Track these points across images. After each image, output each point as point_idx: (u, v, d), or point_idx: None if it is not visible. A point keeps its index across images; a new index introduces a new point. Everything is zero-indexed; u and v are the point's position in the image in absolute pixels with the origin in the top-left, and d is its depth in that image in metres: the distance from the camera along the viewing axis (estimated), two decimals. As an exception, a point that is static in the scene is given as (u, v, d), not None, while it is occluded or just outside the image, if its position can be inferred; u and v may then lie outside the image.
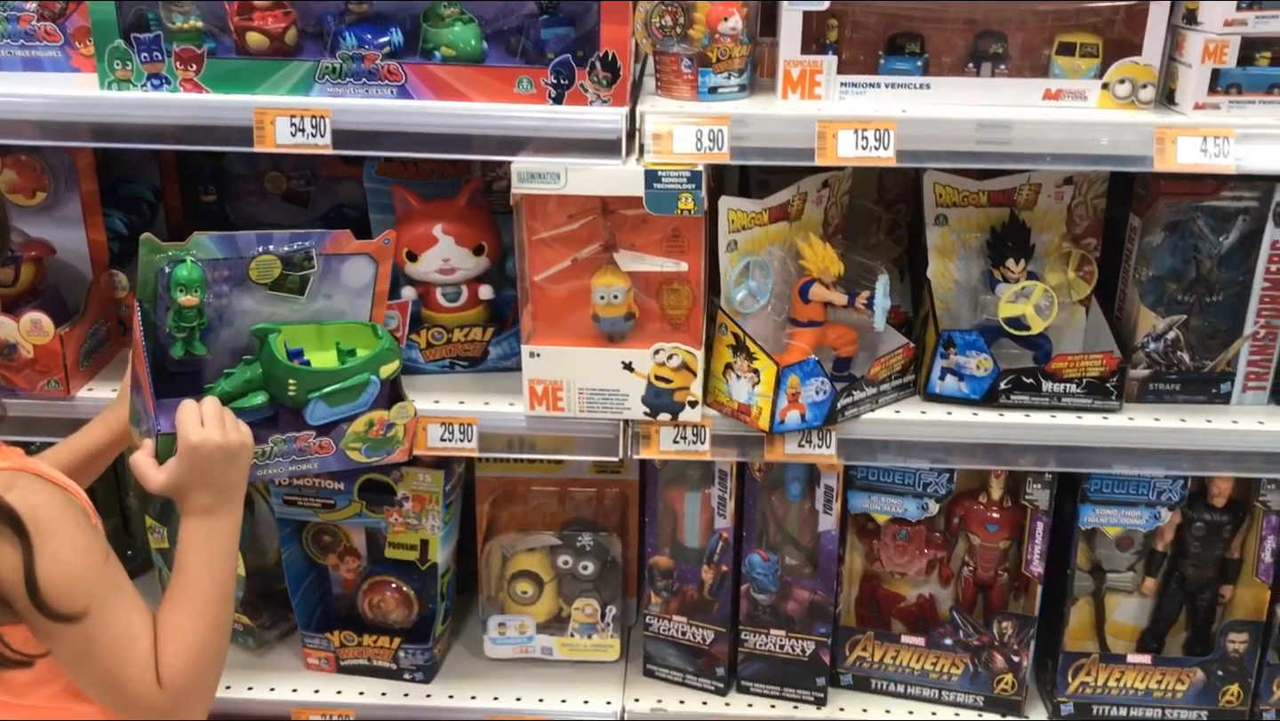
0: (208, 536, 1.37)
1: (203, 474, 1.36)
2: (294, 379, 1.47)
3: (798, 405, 1.65)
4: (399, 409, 1.55)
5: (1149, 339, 1.70)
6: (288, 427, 1.50)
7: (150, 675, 1.30)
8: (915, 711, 1.86)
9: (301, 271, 1.49)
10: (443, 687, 1.91)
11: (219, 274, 1.47)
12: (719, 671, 1.89)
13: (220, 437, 1.37)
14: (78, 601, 1.24)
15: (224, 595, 1.38)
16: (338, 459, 1.54)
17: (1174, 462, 1.69)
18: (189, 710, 1.35)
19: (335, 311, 1.54)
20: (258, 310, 1.50)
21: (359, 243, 1.52)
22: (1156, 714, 1.82)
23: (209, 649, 1.35)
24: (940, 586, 1.91)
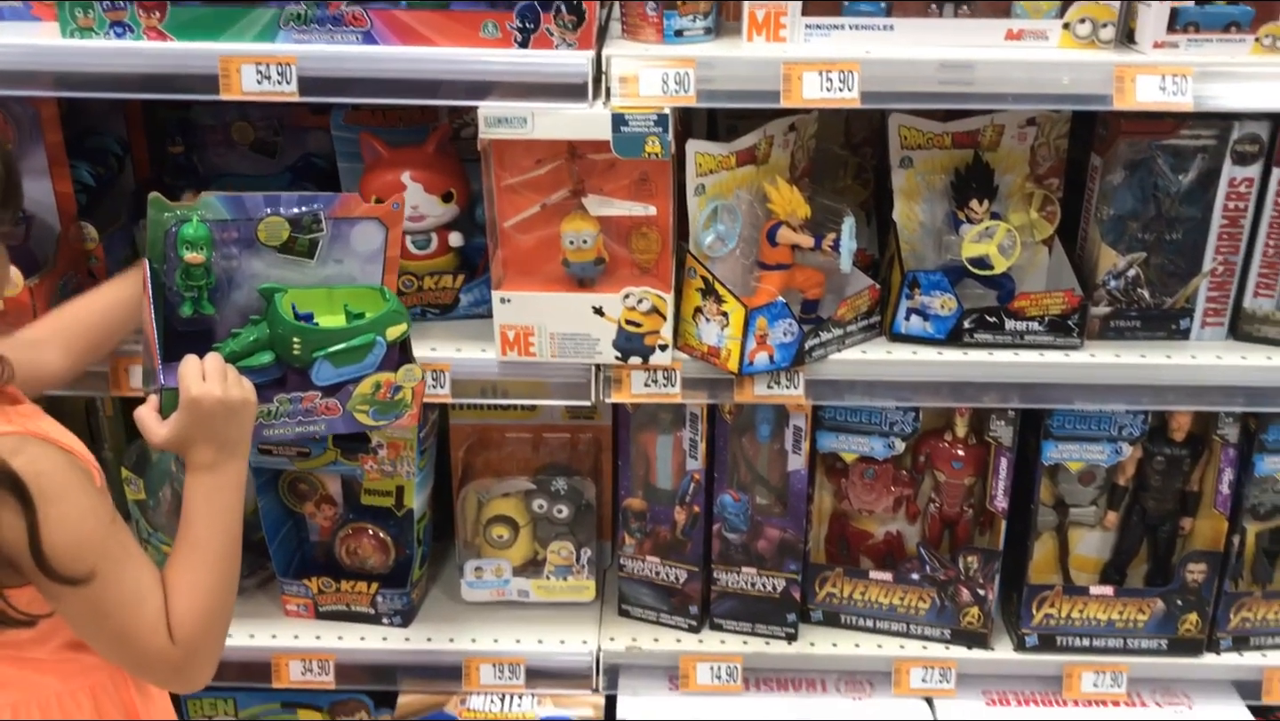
0: (212, 491, 1.38)
1: (204, 429, 1.37)
2: (299, 337, 1.48)
3: (766, 347, 1.67)
4: (406, 372, 1.55)
5: (1110, 276, 1.73)
6: (295, 388, 1.51)
7: (162, 631, 1.31)
8: (884, 645, 1.91)
9: (310, 234, 1.50)
10: (421, 631, 1.94)
11: (228, 235, 1.47)
12: (692, 609, 1.93)
13: (221, 392, 1.37)
14: (83, 565, 1.25)
15: (230, 548, 1.39)
16: (345, 420, 1.55)
17: (1134, 398, 1.73)
18: (201, 662, 1.36)
19: (346, 276, 1.54)
20: (267, 273, 1.51)
21: (368, 206, 1.52)
22: (1118, 643, 1.87)
23: (218, 602, 1.37)
24: (907, 523, 1.95)
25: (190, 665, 1.35)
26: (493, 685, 1.91)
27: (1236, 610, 1.86)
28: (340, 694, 1.97)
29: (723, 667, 1.90)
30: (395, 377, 1.55)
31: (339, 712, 1.99)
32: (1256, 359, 1.72)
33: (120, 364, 1.72)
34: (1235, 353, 1.73)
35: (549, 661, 1.91)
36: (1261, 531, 1.90)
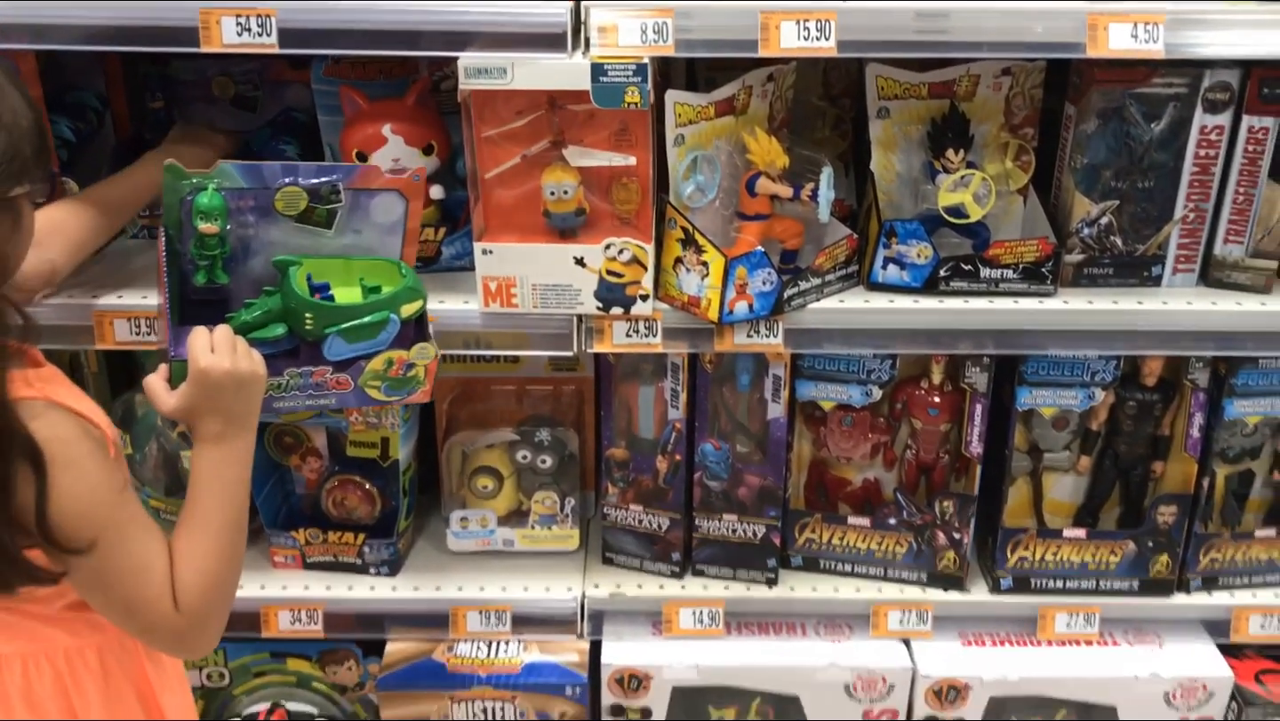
0: (219, 463, 1.39)
1: (211, 400, 1.37)
2: (310, 313, 1.48)
3: (745, 296, 1.69)
4: (419, 349, 1.54)
5: (1083, 224, 1.76)
6: (308, 362, 1.51)
7: (167, 599, 1.33)
8: (862, 589, 1.95)
9: (328, 205, 1.48)
10: (408, 580, 1.97)
11: (244, 203, 1.47)
12: (674, 556, 1.96)
13: (229, 364, 1.37)
14: (86, 535, 1.26)
15: (237, 520, 1.40)
16: (356, 395, 1.55)
17: (1107, 344, 1.76)
18: (205, 631, 1.38)
19: (365, 248, 1.53)
20: (285, 241, 1.50)
21: (387, 178, 1.51)
22: (1091, 585, 1.92)
23: (223, 571, 1.38)
24: (884, 470, 1.98)
25: (194, 633, 1.37)
26: (479, 632, 1.94)
27: (1206, 551, 1.90)
28: (329, 643, 2.00)
29: (705, 612, 1.94)
30: (408, 355, 1.54)
31: (328, 661, 2.02)
32: (1226, 305, 1.75)
33: (105, 318, 1.73)
34: (1206, 299, 1.76)
35: (534, 608, 1.94)
36: (1230, 474, 1.94)
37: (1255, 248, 1.75)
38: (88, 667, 1.43)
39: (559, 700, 1.90)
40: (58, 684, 1.42)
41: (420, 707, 1.91)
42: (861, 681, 1.90)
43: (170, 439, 1.97)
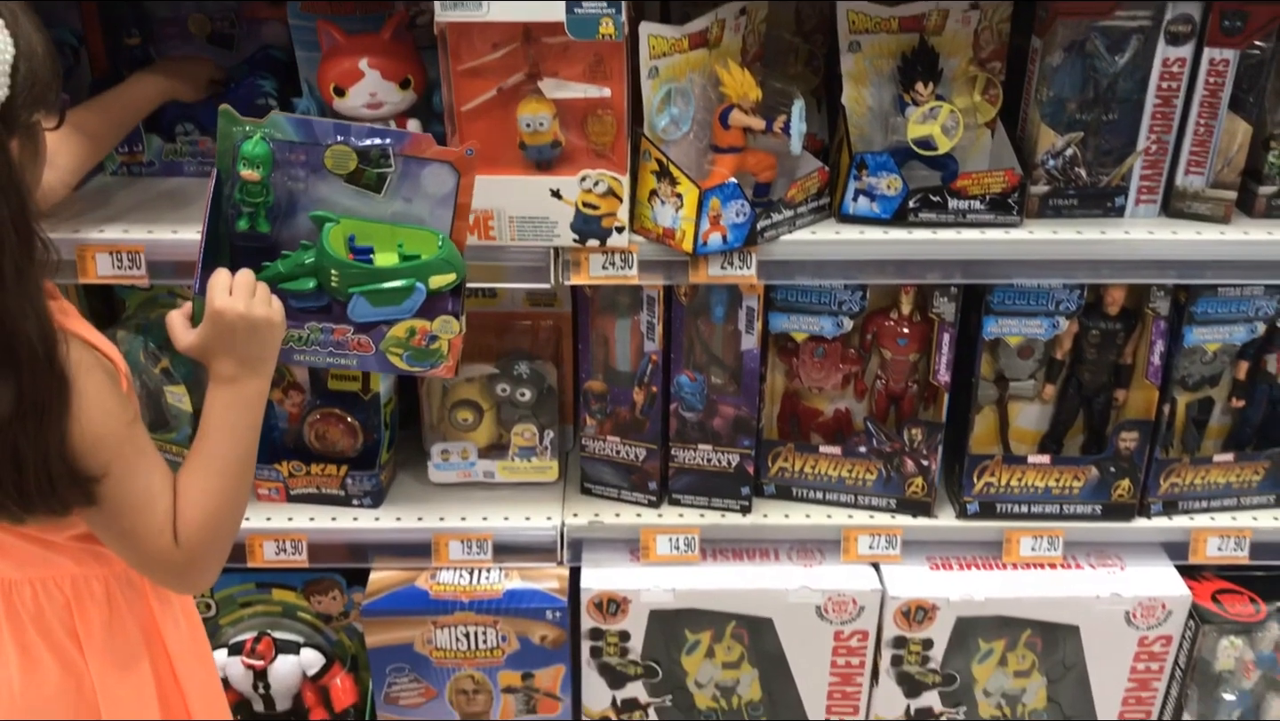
0: (229, 404, 1.41)
1: (225, 341, 1.39)
2: (337, 270, 1.49)
3: (719, 227, 1.73)
4: (442, 322, 1.55)
5: (1048, 156, 1.80)
6: (336, 319, 1.52)
7: (168, 533, 1.36)
8: (833, 515, 2.00)
9: (379, 169, 1.49)
10: (390, 511, 2.02)
11: (295, 156, 1.48)
12: (651, 485, 2.01)
13: (244, 308, 1.39)
14: (97, 462, 1.29)
15: (243, 462, 1.42)
16: (378, 360, 1.57)
17: (1071, 273, 1.81)
18: (203, 568, 1.41)
19: (415, 217, 1.53)
20: (334, 200, 1.51)
21: (439, 149, 1.51)
22: (1055, 509, 1.97)
23: (225, 512, 1.40)
24: (855, 400, 2.03)
25: (192, 569, 1.40)
26: (461, 560, 1.99)
27: (1166, 476, 1.96)
28: (313, 573, 2.04)
29: (681, 539, 1.99)
30: (431, 326, 1.55)
31: (313, 591, 2.07)
32: (1187, 234, 1.79)
33: (88, 251, 1.75)
34: (1167, 228, 1.81)
35: (515, 537, 1.99)
36: (1191, 401, 2.00)
37: (1215, 178, 1.79)
38: (93, 597, 1.47)
39: (540, 624, 1.95)
40: (65, 610, 1.46)
41: (404, 633, 1.95)
42: (832, 603, 1.96)
43: (153, 375, 2.00)
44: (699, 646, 2.03)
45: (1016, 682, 2.05)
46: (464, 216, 1.55)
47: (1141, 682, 2.03)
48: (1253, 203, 1.82)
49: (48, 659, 1.46)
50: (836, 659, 2.01)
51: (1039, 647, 2.02)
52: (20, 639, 1.45)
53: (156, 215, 1.83)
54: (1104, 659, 2.01)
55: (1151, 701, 2.05)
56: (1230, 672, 2.01)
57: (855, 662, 2.01)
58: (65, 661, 1.47)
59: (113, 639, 1.49)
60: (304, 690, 2.06)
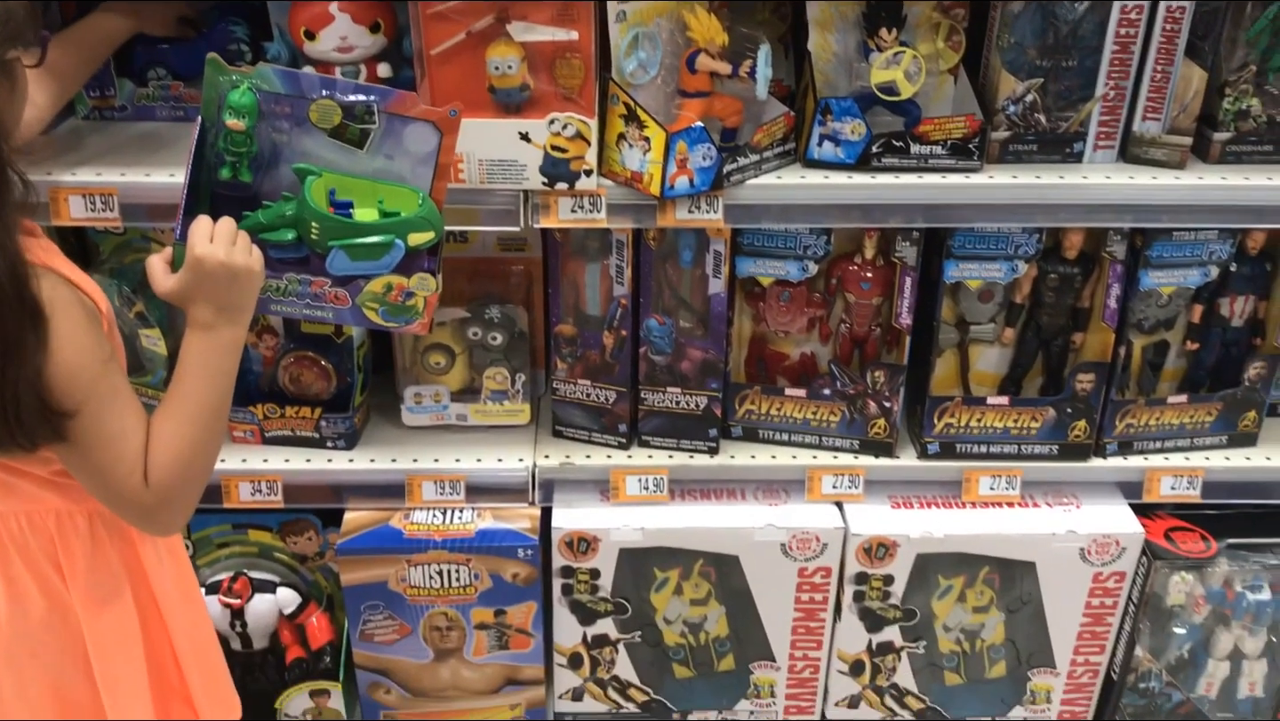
0: (206, 350, 1.43)
1: (203, 288, 1.41)
2: (317, 222, 1.51)
3: (686, 171, 1.76)
4: (419, 279, 1.57)
5: (1009, 102, 1.83)
6: (314, 272, 1.54)
7: (138, 473, 1.38)
8: (798, 456, 2.05)
9: (362, 124, 1.50)
10: (364, 453, 2.05)
11: (280, 109, 1.50)
12: (621, 428, 2.05)
13: (224, 255, 1.40)
14: (71, 398, 1.31)
15: (216, 409, 1.44)
16: (353, 314, 1.59)
17: (1030, 217, 1.85)
18: (171, 511, 1.44)
19: (396, 174, 1.55)
20: (317, 154, 1.52)
21: (424, 108, 1.53)
22: (1013, 449, 2.02)
23: (196, 457, 1.42)
24: (820, 344, 2.07)
25: (161, 510, 1.42)
26: (434, 500, 2.03)
27: (1121, 417, 2.02)
28: (289, 514, 2.08)
29: (650, 480, 2.03)
30: (408, 282, 1.57)
31: (288, 532, 2.11)
32: (1143, 179, 1.83)
33: (60, 194, 1.77)
34: (1124, 173, 1.85)
35: (487, 478, 2.03)
36: (1146, 345, 2.05)
37: (1171, 124, 1.83)
38: (76, 531, 1.50)
39: (511, 562, 1.99)
40: (49, 543, 1.49)
41: (378, 571, 2.00)
42: (796, 541, 2.01)
43: (127, 319, 2.02)
44: (668, 584, 2.08)
45: (975, 618, 2.11)
46: (445, 177, 1.57)
47: (1096, 617, 2.09)
48: (1208, 148, 1.86)
49: (33, 590, 1.49)
50: (801, 595, 2.06)
51: (997, 584, 2.08)
52: (6, 570, 1.48)
53: (129, 158, 1.85)
54: (1060, 594, 2.07)
55: (1105, 636, 2.11)
56: (1181, 607, 2.07)
57: (819, 598, 2.07)
58: (50, 593, 1.50)
59: (94, 573, 1.52)
60: (280, 628, 2.10)
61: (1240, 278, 1.97)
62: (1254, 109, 1.83)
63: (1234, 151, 1.86)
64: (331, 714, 2.10)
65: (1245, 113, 1.83)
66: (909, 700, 2.17)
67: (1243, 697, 2.16)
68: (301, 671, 2.09)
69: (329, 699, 2.09)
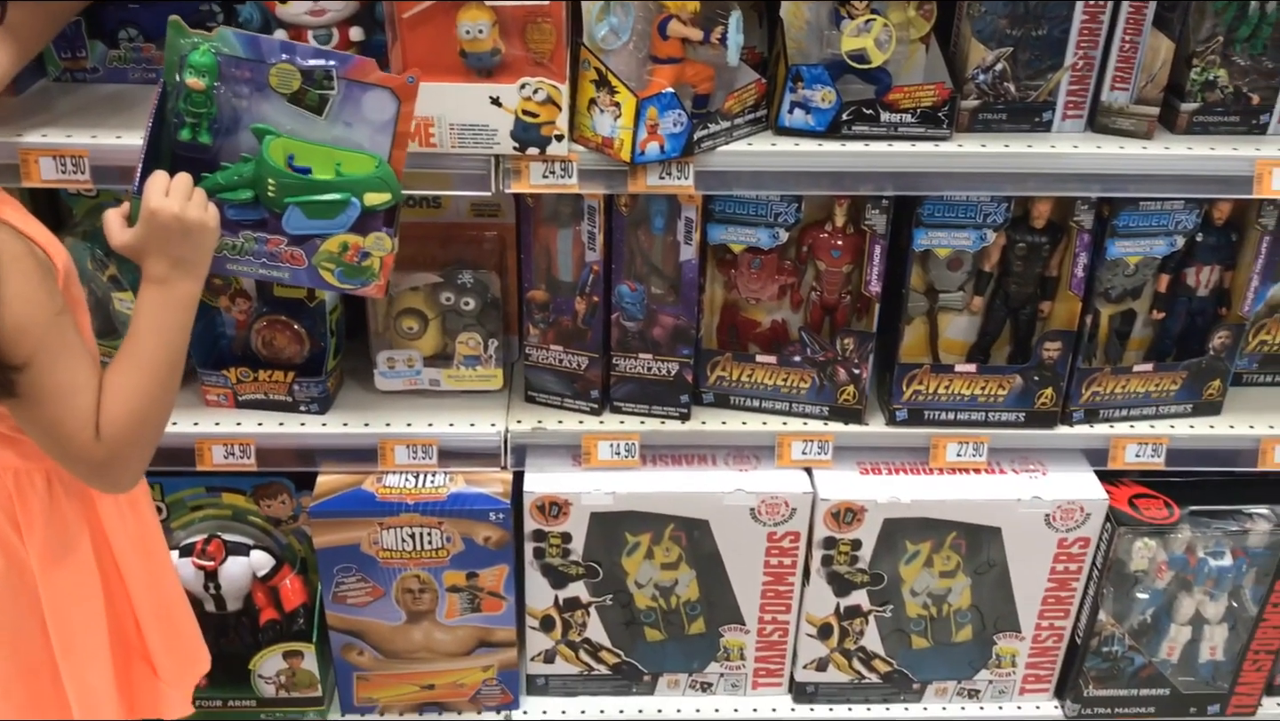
0: (160, 305, 1.44)
1: (158, 241, 1.42)
2: (275, 180, 1.52)
3: (657, 137, 1.76)
4: (376, 239, 1.58)
5: (979, 71, 1.84)
6: (271, 231, 1.55)
7: (90, 427, 1.38)
8: (769, 422, 2.06)
9: (321, 90, 1.52)
10: (337, 417, 2.06)
11: (240, 73, 1.51)
12: (593, 394, 2.06)
13: (178, 209, 1.41)
14: (19, 352, 1.31)
15: (170, 364, 1.45)
16: (309, 274, 1.60)
17: (998, 185, 1.86)
18: (122, 466, 1.44)
19: (354, 142, 1.56)
20: (276, 120, 1.53)
21: (382, 75, 1.54)
22: (980, 416, 2.04)
23: (149, 411, 1.43)
24: (791, 311, 2.09)
25: (112, 465, 1.42)
26: (407, 464, 2.04)
27: (1088, 385, 2.04)
28: (262, 477, 2.09)
29: (621, 445, 2.05)
30: (364, 242, 1.58)
31: (262, 495, 2.12)
32: (1110, 148, 1.84)
33: (31, 155, 1.76)
34: (1092, 143, 1.86)
35: (460, 442, 2.04)
36: (1114, 314, 2.08)
37: (1139, 94, 1.84)
38: (34, 489, 1.51)
39: (483, 525, 2.01)
40: (8, 501, 1.50)
41: (351, 534, 2.01)
42: (765, 506, 2.03)
43: (100, 282, 2.02)
44: (639, 548, 2.10)
45: (942, 583, 2.14)
46: (402, 145, 1.58)
47: (1061, 582, 2.12)
48: (1175, 119, 1.87)
49: None
50: (770, 559, 2.09)
51: (964, 549, 2.10)
52: None
53: (100, 120, 1.84)
54: (1025, 560, 2.10)
55: (1070, 600, 2.15)
56: (1144, 572, 2.11)
57: (787, 563, 2.09)
58: (8, 551, 1.51)
59: (52, 531, 1.53)
60: (254, 591, 2.12)
61: (1206, 248, 1.99)
62: (1221, 80, 1.84)
63: (1201, 122, 1.87)
64: (305, 675, 2.12)
65: (1212, 83, 1.85)
66: (876, 663, 2.20)
67: (1204, 661, 2.20)
68: (275, 633, 2.11)
69: (302, 660, 2.10)
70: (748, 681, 2.23)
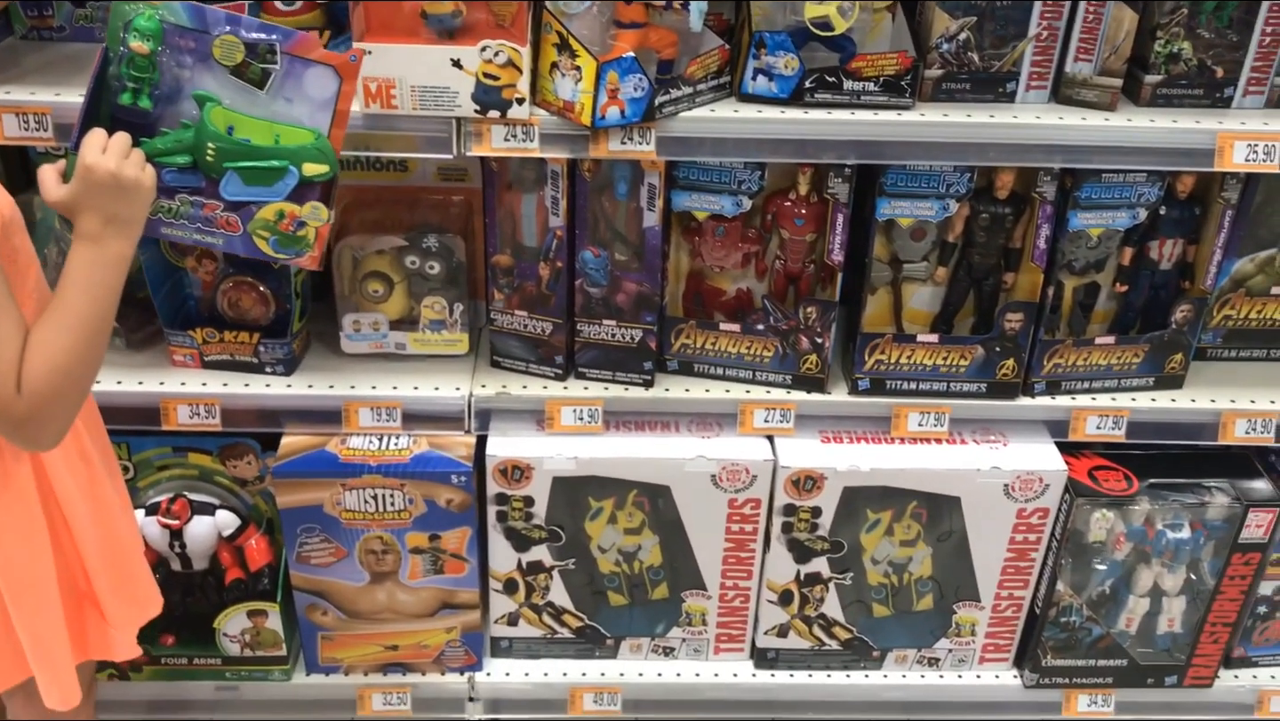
0: (91, 262, 1.44)
1: (92, 198, 1.42)
2: (214, 144, 1.53)
3: (617, 101, 1.76)
4: (312, 209, 1.59)
5: (942, 40, 1.84)
6: (208, 196, 1.56)
7: (11, 381, 1.38)
8: (732, 390, 2.07)
9: (264, 64, 1.53)
10: (303, 379, 2.07)
11: (185, 43, 1.52)
12: (558, 359, 2.07)
13: (114, 166, 1.42)
14: None
15: (98, 321, 1.44)
16: (244, 241, 1.61)
17: (961, 156, 1.86)
18: (43, 423, 1.43)
19: (294, 117, 1.57)
20: (219, 93, 1.55)
21: (324, 52, 1.55)
22: (942, 387, 2.05)
23: (74, 368, 1.42)
24: (757, 280, 2.09)
25: (32, 421, 1.41)
26: (371, 427, 2.05)
27: (1049, 357, 2.04)
28: (228, 437, 2.10)
29: (585, 410, 2.06)
30: (300, 211, 1.59)
31: (228, 456, 2.13)
32: (1072, 119, 1.85)
33: (-7, 113, 1.77)
34: (1054, 114, 1.86)
35: (424, 406, 2.05)
36: (1078, 286, 2.08)
37: (1103, 66, 1.84)
38: None
39: (445, 487, 2.02)
40: None
41: (314, 494, 2.02)
42: (726, 472, 2.04)
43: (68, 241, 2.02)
44: (602, 513, 2.12)
45: (903, 551, 2.15)
46: (342, 124, 1.59)
47: (1020, 553, 2.14)
48: (1139, 90, 1.87)
49: None
50: (731, 525, 2.10)
51: (924, 519, 2.12)
52: None
53: (64, 78, 1.85)
54: (985, 529, 2.11)
55: (1029, 570, 2.16)
56: (1101, 544, 2.12)
57: (749, 529, 2.11)
58: None
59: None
60: (220, 550, 2.14)
61: (1169, 221, 2.00)
62: (1185, 52, 1.84)
63: (1165, 94, 1.87)
64: (269, 634, 2.14)
65: (1176, 55, 1.85)
66: (837, 630, 2.22)
67: (1162, 633, 2.22)
68: (240, 592, 2.12)
69: (266, 619, 2.12)
70: (710, 646, 2.25)
